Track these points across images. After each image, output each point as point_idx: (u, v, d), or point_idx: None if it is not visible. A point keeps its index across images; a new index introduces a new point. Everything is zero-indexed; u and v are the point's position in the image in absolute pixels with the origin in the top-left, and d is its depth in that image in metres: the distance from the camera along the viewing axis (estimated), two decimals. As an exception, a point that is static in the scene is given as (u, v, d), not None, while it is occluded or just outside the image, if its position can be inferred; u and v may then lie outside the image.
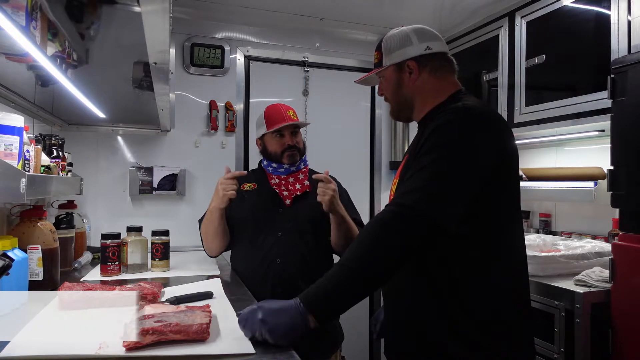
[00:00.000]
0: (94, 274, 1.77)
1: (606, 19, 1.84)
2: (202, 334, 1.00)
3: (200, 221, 1.92)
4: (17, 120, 1.20)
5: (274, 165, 1.89)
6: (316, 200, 1.77)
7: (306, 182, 1.89)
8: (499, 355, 1.10)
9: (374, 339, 1.50)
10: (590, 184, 1.95)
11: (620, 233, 1.62)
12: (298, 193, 1.85)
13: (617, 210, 1.68)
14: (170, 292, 1.47)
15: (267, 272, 1.75)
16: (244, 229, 1.85)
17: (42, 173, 1.48)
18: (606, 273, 1.65)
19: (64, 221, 1.84)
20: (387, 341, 1.30)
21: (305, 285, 1.09)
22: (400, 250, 1.04)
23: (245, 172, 1.74)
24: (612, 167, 1.64)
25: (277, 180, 1.88)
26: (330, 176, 2.04)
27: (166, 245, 1.86)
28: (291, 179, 1.88)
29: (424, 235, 1.05)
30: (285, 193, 1.85)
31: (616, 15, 1.80)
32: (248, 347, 0.98)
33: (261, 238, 1.80)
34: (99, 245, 1.76)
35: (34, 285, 1.40)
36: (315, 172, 2.02)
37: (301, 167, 1.91)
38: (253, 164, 2.72)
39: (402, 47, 1.27)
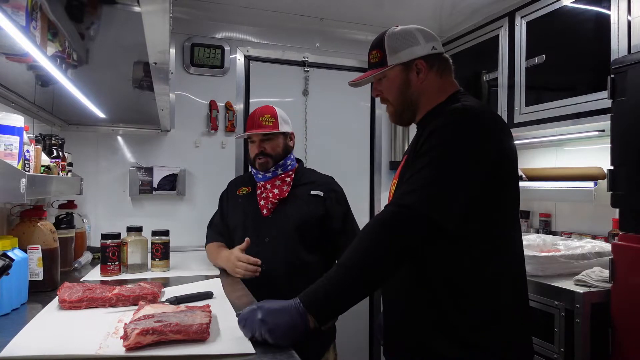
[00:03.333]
0: (94, 274, 1.77)
1: (606, 19, 1.84)
2: (202, 334, 1.00)
3: (207, 234, 2.03)
4: (17, 120, 1.20)
5: (254, 170, 1.93)
6: (304, 205, 1.76)
7: (285, 188, 1.86)
8: (496, 356, 1.09)
9: (379, 344, 1.48)
10: (590, 184, 1.95)
11: (620, 233, 1.62)
12: (274, 200, 1.84)
13: (617, 210, 1.68)
14: (170, 292, 1.47)
15: (253, 277, 1.74)
16: (237, 234, 1.88)
17: (42, 173, 1.48)
18: (606, 273, 1.65)
19: (64, 221, 1.84)
20: (386, 342, 1.30)
21: (290, 292, 1.08)
22: (399, 251, 1.05)
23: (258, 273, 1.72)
24: (612, 167, 1.64)
25: (260, 184, 1.90)
26: (332, 178, 2.01)
27: (166, 245, 1.86)
28: (268, 186, 1.87)
29: (423, 235, 1.05)
30: (262, 202, 1.85)
31: (616, 15, 1.80)
32: (248, 347, 0.98)
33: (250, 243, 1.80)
34: (99, 245, 1.77)
35: (34, 285, 1.40)
36: (317, 172, 2.02)
37: (279, 173, 1.88)
38: (253, 164, 2.72)
39: (410, 46, 1.24)
